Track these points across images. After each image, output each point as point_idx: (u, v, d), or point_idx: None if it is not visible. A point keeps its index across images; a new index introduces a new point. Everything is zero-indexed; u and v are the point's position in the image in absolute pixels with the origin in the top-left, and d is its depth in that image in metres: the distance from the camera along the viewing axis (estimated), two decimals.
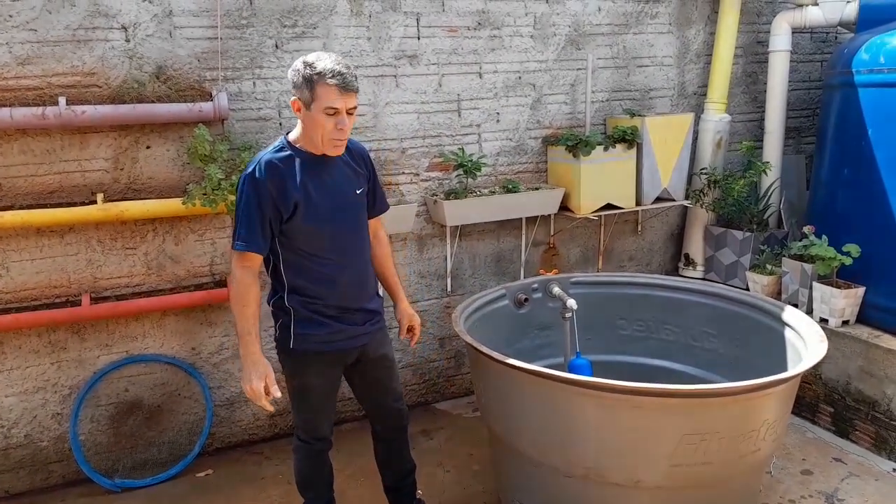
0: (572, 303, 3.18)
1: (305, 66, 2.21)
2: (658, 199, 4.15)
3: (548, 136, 4.04)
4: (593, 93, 4.08)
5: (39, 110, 2.88)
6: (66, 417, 3.26)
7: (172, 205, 3.13)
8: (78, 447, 3.24)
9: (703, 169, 4.27)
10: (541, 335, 3.44)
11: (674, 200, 4.18)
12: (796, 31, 4.26)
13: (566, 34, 3.98)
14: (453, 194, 3.75)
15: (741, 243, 4.13)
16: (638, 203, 4.09)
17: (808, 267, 3.61)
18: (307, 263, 2.35)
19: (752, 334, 3.12)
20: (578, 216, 3.94)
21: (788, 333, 2.91)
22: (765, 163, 4.22)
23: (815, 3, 4.12)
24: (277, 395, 2.28)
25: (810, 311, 3.61)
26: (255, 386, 2.24)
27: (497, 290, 3.34)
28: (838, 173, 3.76)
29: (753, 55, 4.53)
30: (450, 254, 3.90)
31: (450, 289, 3.96)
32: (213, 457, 3.51)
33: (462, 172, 3.68)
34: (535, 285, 3.42)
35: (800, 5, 4.16)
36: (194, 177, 3.24)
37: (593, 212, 3.94)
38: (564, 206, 3.96)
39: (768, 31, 4.32)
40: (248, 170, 2.31)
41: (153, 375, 3.39)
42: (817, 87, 4.66)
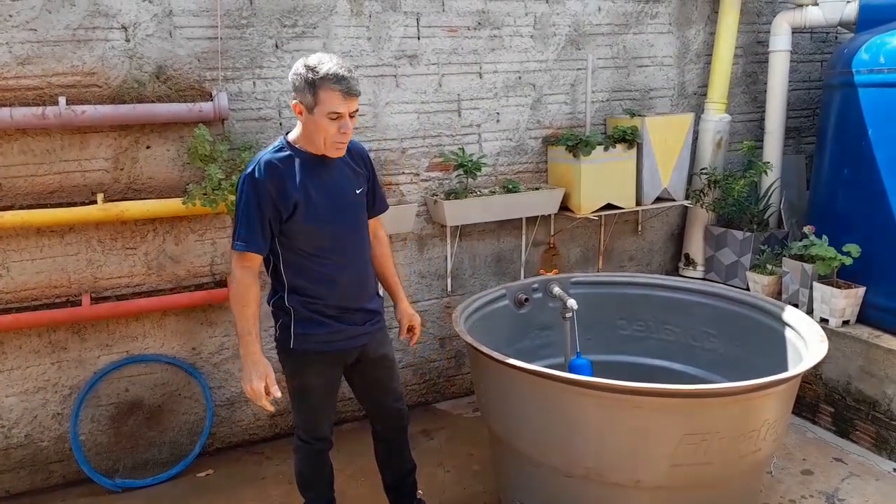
0: (572, 303, 3.18)
1: (308, 70, 2.19)
2: (658, 199, 4.15)
3: (548, 136, 4.04)
4: (593, 93, 4.08)
5: (39, 110, 2.88)
6: (66, 417, 3.26)
7: (173, 205, 3.13)
8: (78, 447, 3.24)
9: (703, 169, 4.27)
10: (541, 335, 3.44)
11: (674, 200, 4.18)
12: (796, 31, 4.26)
13: (566, 34, 3.98)
14: (453, 194, 3.75)
15: (741, 243, 4.13)
16: (638, 203, 4.09)
17: (809, 267, 3.61)
18: (307, 263, 2.35)
19: (752, 334, 3.12)
20: (579, 216, 3.94)
21: (789, 333, 2.91)
22: (765, 163, 4.22)
23: (815, 3, 4.12)
24: (278, 395, 2.28)
25: (811, 311, 3.61)
26: (256, 386, 2.24)
27: (497, 290, 3.34)
28: (838, 173, 3.77)
29: (753, 55, 4.53)
30: (450, 254, 3.90)
31: (450, 289, 3.96)
32: (213, 457, 3.51)
33: (462, 172, 3.68)
34: (535, 285, 3.42)
35: (800, 5, 4.16)
36: (194, 177, 3.24)
37: (593, 212, 3.94)
38: (564, 206, 3.96)
39: (768, 31, 4.32)
40: (247, 170, 2.31)
41: (153, 375, 3.39)
42: (817, 87, 4.66)
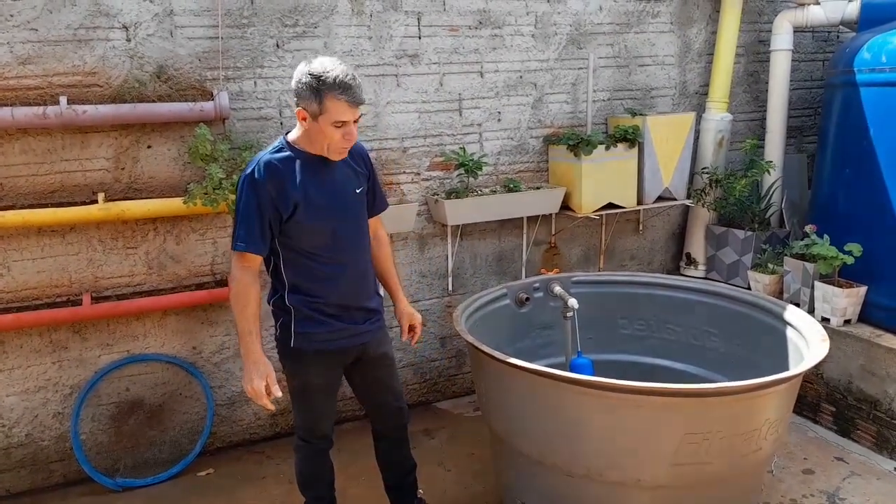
0: (573, 302, 3.17)
1: (312, 79, 2.16)
2: (659, 199, 4.15)
3: (549, 135, 4.04)
4: (595, 92, 4.08)
5: (41, 110, 2.89)
6: (67, 417, 3.26)
7: (173, 204, 3.13)
8: (79, 446, 3.24)
9: (704, 168, 4.27)
10: (542, 334, 3.43)
11: (675, 200, 4.18)
12: (798, 30, 4.26)
13: (567, 33, 3.97)
14: (454, 194, 3.75)
15: (743, 242, 4.12)
16: (639, 202, 4.09)
17: (810, 266, 3.61)
18: (307, 262, 2.35)
19: (753, 334, 3.12)
20: (580, 215, 3.94)
21: (790, 333, 2.90)
22: (767, 162, 4.21)
23: (817, 3, 4.11)
24: (278, 395, 2.28)
25: (812, 311, 3.60)
26: (256, 385, 2.24)
27: (498, 290, 3.34)
28: (840, 172, 3.76)
29: (755, 54, 4.52)
30: (451, 253, 3.90)
31: (451, 288, 3.96)
32: (214, 456, 3.51)
33: (463, 172, 3.67)
34: (536, 284, 3.42)
35: (801, 4, 4.15)
36: (195, 176, 3.24)
37: (595, 211, 3.93)
38: (566, 206, 3.96)
39: (770, 31, 4.31)
40: (247, 170, 2.30)
41: (154, 375, 3.39)
42: (819, 86, 4.65)
